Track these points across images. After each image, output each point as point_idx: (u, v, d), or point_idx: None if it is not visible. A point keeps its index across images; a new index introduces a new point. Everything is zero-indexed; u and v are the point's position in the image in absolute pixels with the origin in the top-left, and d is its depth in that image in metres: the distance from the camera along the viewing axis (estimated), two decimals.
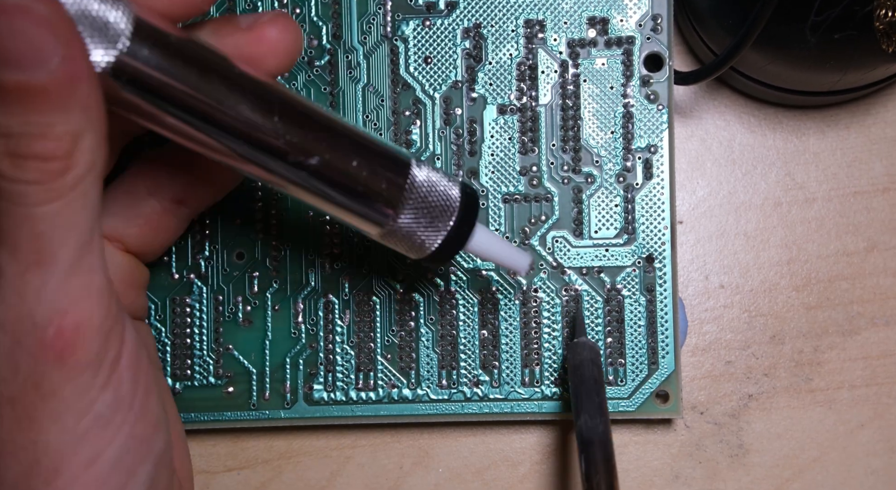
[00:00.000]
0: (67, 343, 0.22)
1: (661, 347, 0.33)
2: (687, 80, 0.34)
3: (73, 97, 0.20)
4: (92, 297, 0.22)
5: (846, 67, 0.33)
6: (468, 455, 0.36)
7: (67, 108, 0.20)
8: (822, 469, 0.36)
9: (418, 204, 0.27)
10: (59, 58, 0.20)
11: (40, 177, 0.21)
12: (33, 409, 0.22)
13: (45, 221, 0.21)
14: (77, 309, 0.22)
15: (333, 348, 0.34)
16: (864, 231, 0.36)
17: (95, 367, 0.23)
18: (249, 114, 0.25)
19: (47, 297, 0.22)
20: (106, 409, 0.23)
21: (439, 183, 0.28)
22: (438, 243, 0.28)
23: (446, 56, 0.34)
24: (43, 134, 0.20)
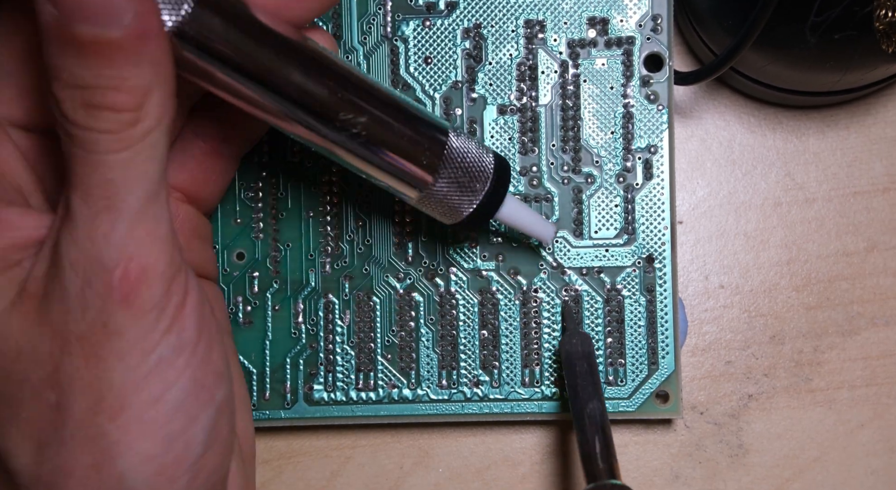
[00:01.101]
0: (133, 285, 0.23)
1: (661, 347, 0.33)
2: (687, 80, 0.34)
3: (144, 53, 0.21)
4: (157, 244, 0.23)
5: (846, 68, 0.33)
6: (468, 455, 0.36)
7: (139, 63, 0.21)
8: (822, 469, 0.36)
9: (455, 169, 0.29)
10: (133, 14, 0.21)
11: (112, 126, 0.22)
12: (100, 347, 0.23)
13: (115, 169, 0.22)
14: (142, 254, 0.23)
15: (333, 348, 0.34)
16: (864, 231, 0.36)
17: (159, 311, 0.23)
18: (304, 75, 0.26)
19: (115, 241, 0.23)
20: (169, 352, 0.24)
21: (475, 150, 0.29)
22: (473, 208, 0.29)
23: (446, 56, 0.34)
24: (116, 86, 0.21)
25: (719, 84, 0.37)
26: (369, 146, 0.27)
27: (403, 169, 0.28)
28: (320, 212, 0.34)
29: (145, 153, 0.22)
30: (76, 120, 0.22)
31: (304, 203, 0.34)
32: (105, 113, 0.22)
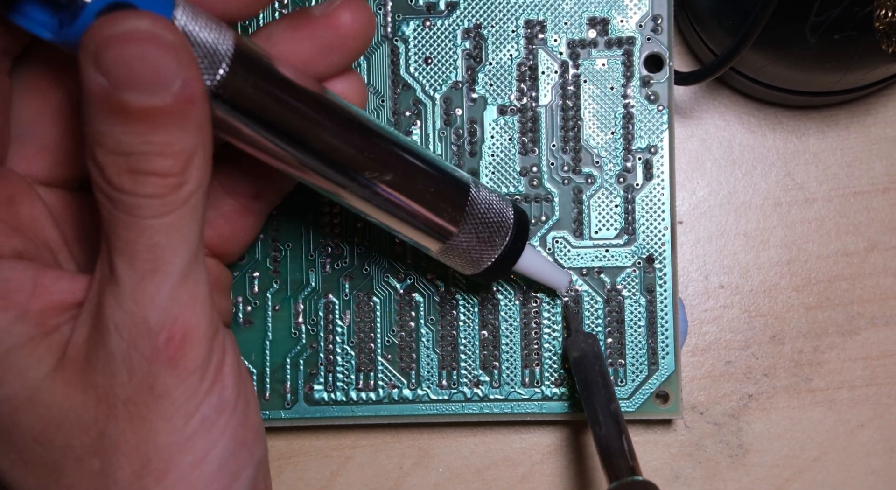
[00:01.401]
0: (178, 347, 0.23)
1: (661, 348, 0.33)
2: (687, 80, 0.34)
3: (190, 118, 0.22)
4: (198, 305, 0.24)
5: (846, 68, 0.33)
6: (468, 455, 0.36)
7: (185, 128, 0.22)
8: (822, 469, 0.36)
9: (477, 223, 0.29)
10: (181, 82, 0.21)
11: (158, 191, 0.22)
12: (147, 409, 0.23)
13: (160, 232, 0.22)
14: (186, 316, 0.23)
15: (334, 348, 0.34)
16: (864, 231, 0.36)
17: (202, 371, 0.24)
18: (331, 134, 0.26)
19: (161, 304, 0.23)
20: (212, 412, 0.24)
21: (496, 203, 0.30)
22: (493, 260, 0.30)
23: (446, 56, 0.34)
24: (162, 153, 0.22)
25: (719, 84, 0.37)
26: (394, 202, 0.28)
27: (427, 224, 0.29)
28: (320, 212, 0.34)
29: (188, 216, 0.23)
30: (121, 186, 0.22)
31: (304, 203, 0.34)
32: (151, 178, 0.22)
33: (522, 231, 0.30)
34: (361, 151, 0.27)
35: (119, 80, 0.21)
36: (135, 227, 0.22)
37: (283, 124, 0.25)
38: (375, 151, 0.27)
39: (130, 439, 0.23)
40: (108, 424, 0.23)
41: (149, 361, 0.23)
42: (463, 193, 0.29)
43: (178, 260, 0.23)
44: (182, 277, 0.23)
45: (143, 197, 0.22)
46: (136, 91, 0.21)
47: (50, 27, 0.22)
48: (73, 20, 0.22)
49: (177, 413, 0.24)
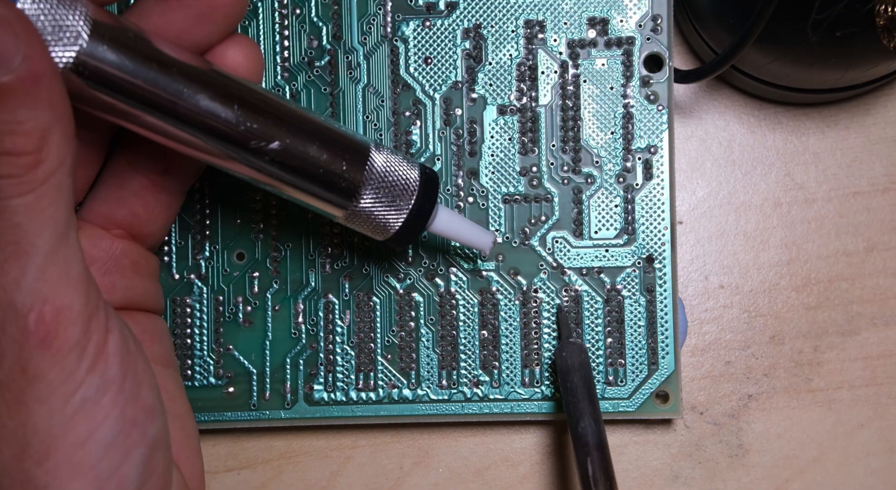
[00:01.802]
0: (49, 328, 0.23)
1: (661, 348, 0.33)
2: (687, 78, 0.34)
3: (38, 94, 0.21)
4: (70, 284, 0.23)
5: (848, 65, 0.33)
6: (468, 455, 0.36)
7: (34, 105, 0.21)
8: (822, 469, 0.36)
9: (378, 186, 0.28)
10: (21, 57, 0.21)
11: (13, 171, 0.22)
12: (21, 392, 0.23)
13: (20, 213, 0.22)
14: (56, 296, 0.23)
15: (333, 348, 0.34)
16: (864, 231, 0.36)
17: (80, 351, 0.23)
18: (209, 103, 0.26)
19: (27, 286, 0.22)
20: (93, 392, 0.24)
21: (399, 165, 0.29)
22: (400, 223, 0.29)
23: (446, 56, 0.34)
24: (12, 131, 0.21)
25: (720, 84, 0.37)
26: (286, 170, 0.27)
27: (324, 190, 0.28)
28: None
29: (50, 195, 0.22)
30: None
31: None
32: (4, 158, 0.21)
33: (431, 192, 0.29)
34: (242, 119, 0.26)
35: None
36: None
37: (154, 97, 0.25)
38: (258, 120, 0.26)
39: (7, 424, 0.23)
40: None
41: (19, 344, 0.23)
42: (361, 157, 0.28)
43: (41, 241, 0.23)
44: (49, 257, 0.23)
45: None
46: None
47: None
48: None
49: (53, 394, 0.23)
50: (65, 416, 0.23)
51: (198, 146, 0.26)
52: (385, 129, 0.34)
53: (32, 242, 0.22)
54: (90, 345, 0.24)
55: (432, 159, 0.33)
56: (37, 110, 0.22)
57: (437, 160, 0.33)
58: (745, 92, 0.37)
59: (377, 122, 0.34)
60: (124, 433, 0.24)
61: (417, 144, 0.33)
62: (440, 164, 0.33)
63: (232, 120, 0.26)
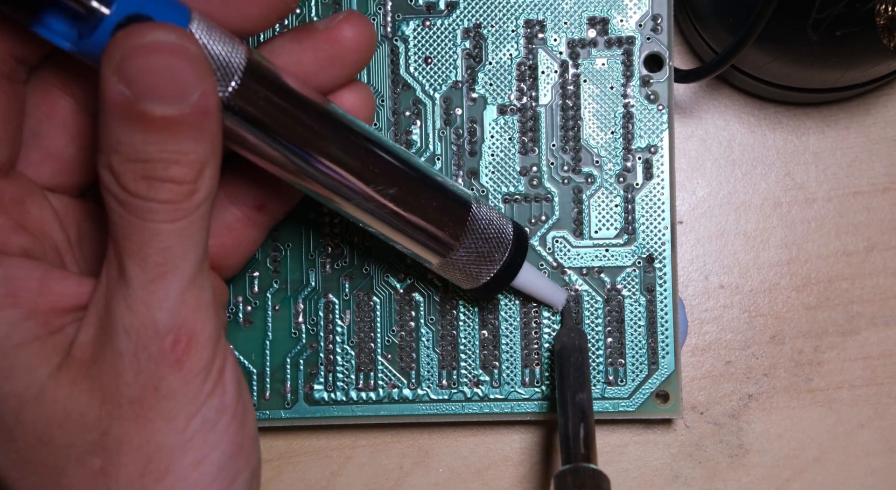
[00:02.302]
0: (185, 350, 0.24)
1: (661, 347, 0.33)
2: (688, 78, 0.34)
3: (205, 128, 0.22)
4: (204, 310, 0.24)
5: (848, 64, 0.33)
6: (468, 455, 0.36)
7: (200, 138, 0.22)
8: (822, 469, 0.36)
9: (476, 239, 0.30)
10: (199, 93, 0.22)
11: (172, 197, 0.23)
12: (151, 410, 0.24)
13: (172, 237, 0.23)
14: (193, 319, 0.24)
15: (334, 348, 0.34)
16: (864, 231, 0.36)
17: (206, 374, 0.24)
18: (340, 146, 0.27)
19: (170, 307, 0.23)
20: (213, 414, 0.25)
21: (496, 220, 0.30)
22: (491, 276, 0.30)
23: (446, 56, 0.34)
24: (177, 160, 0.22)
25: (720, 83, 0.37)
26: (398, 216, 0.28)
27: (428, 238, 0.29)
28: (320, 212, 0.34)
29: (198, 223, 0.23)
30: (137, 191, 0.22)
31: (304, 203, 0.34)
32: (167, 185, 0.22)
33: (521, 248, 0.31)
34: (367, 165, 0.27)
35: (141, 90, 0.21)
36: (147, 231, 0.23)
37: (291, 136, 0.26)
38: (381, 165, 0.27)
39: (134, 439, 0.24)
40: (112, 424, 0.24)
41: (155, 363, 0.23)
42: (464, 209, 0.29)
43: (187, 265, 0.23)
44: (190, 282, 0.24)
45: (157, 202, 0.22)
46: (157, 101, 0.22)
47: (69, 38, 0.23)
48: (91, 31, 0.22)
49: (179, 414, 0.24)
50: (186, 437, 0.24)
51: (320, 185, 0.27)
52: (385, 129, 0.34)
53: (179, 266, 0.23)
54: (213, 369, 0.25)
55: (432, 159, 0.33)
56: (201, 143, 0.23)
57: (437, 160, 0.33)
58: (745, 91, 0.37)
59: (377, 122, 0.34)
60: (234, 457, 0.25)
61: (417, 144, 0.33)
62: (440, 164, 0.33)
63: (358, 165, 0.27)
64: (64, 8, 0.22)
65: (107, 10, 0.22)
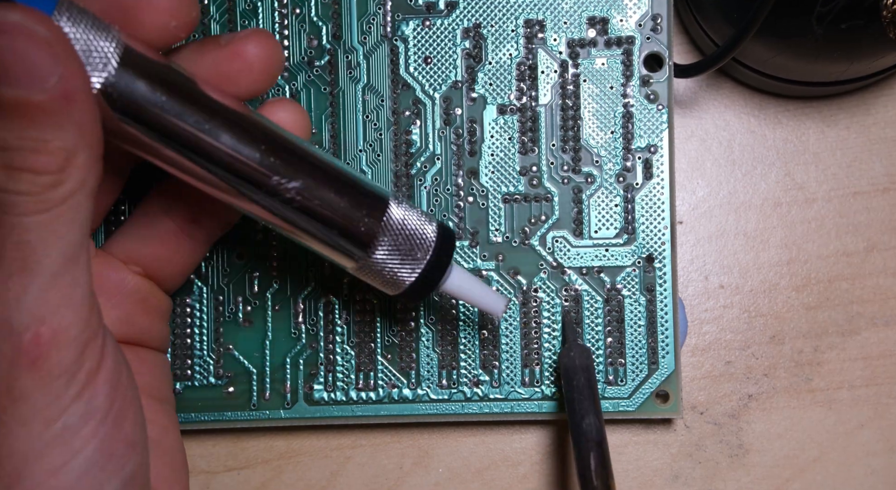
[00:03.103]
0: (42, 350, 0.22)
1: (661, 347, 0.33)
2: (688, 72, 0.34)
3: (68, 115, 0.21)
4: (71, 307, 0.23)
5: (853, 57, 0.33)
6: (468, 455, 0.36)
7: (62, 126, 0.21)
8: (822, 469, 0.36)
9: (393, 240, 0.28)
10: (57, 77, 0.21)
11: (32, 188, 0.21)
12: (3, 412, 0.23)
13: (31, 231, 0.22)
14: (55, 318, 0.22)
15: (333, 348, 0.34)
16: (864, 231, 0.36)
17: (69, 376, 0.23)
18: (233, 141, 0.25)
19: (27, 304, 0.22)
20: (76, 419, 0.23)
21: (415, 220, 0.28)
22: (413, 279, 0.29)
23: (446, 56, 0.34)
24: (37, 149, 0.21)
25: (720, 83, 0.37)
26: (303, 213, 0.27)
27: (337, 239, 0.28)
28: None
29: (65, 216, 0.22)
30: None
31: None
32: (25, 175, 0.21)
33: (445, 252, 0.29)
34: (265, 157, 0.26)
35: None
36: (5, 225, 0.22)
37: (177, 132, 0.25)
38: (281, 158, 0.26)
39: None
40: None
41: (9, 363, 0.22)
42: (379, 208, 0.28)
43: (49, 260, 0.22)
44: (53, 278, 0.22)
45: (14, 193, 0.21)
46: (8, 85, 0.21)
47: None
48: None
49: (36, 418, 0.23)
50: (43, 442, 0.23)
51: (218, 181, 0.26)
52: (385, 129, 0.34)
53: (39, 261, 0.22)
54: (81, 371, 0.23)
55: (432, 159, 0.33)
56: (64, 131, 0.22)
57: (436, 160, 0.33)
58: (748, 86, 0.37)
59: (377, 122, 0.34)
60: (100, 465, 0.24)
61: (417, 144, 0.33)
62: (440, 164, 0.33)
63: (255, 156, 0.26)
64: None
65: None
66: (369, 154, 0.34)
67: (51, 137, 0.21)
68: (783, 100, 0.37)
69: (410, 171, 0.33)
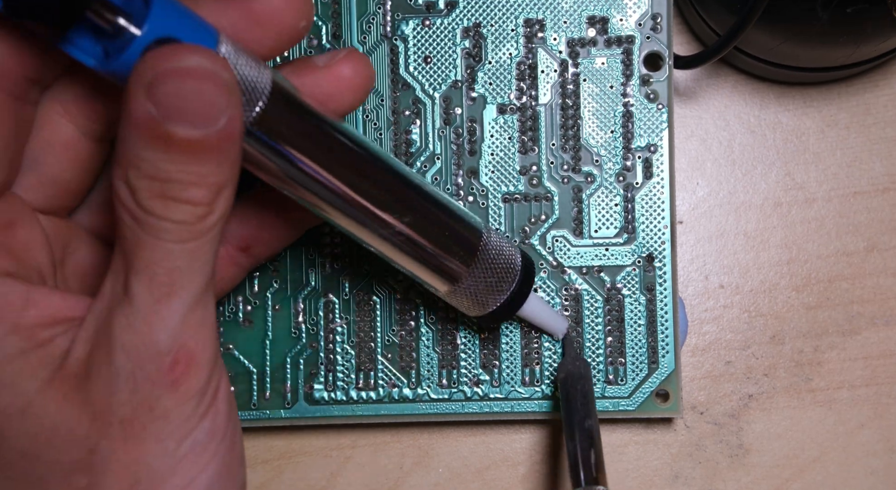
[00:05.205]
0: (183, 371, 0.24)
1: (661, 347, 0.33)
2: (689, 64, 0.34)
3: (228, 153, 0.22)
4: (206, 331, 0.24)
5: (859, 40, 0.33)
6: (468, 455, 0.36)
7: (222, 162, 0.22)
8: (822, 469, 0.36)
9: (486, 267, 0.29)
10: (227, 119, 0.22)
11: (187, 218, 0.22)
12: (143, 429, 0.24)
13: (182, 257, 0.23)
14: (194, 341, 0.24)
15: (334, 348, 0.34)
16: (864, 231, 0.36)
17: (201, 397, 0.24)
18: (360, 173, 0.27)
19: (172, 327, 0.23)
20: (204, 436, 0.24)
21: (506, 249, 0.30)
22: (499, 304, 0.30)
23: (446, 56, 0.34)
24: (197, 183, 0.22)
25: (723, 78, 0.37)
26: (411, 243, 0.28)
27: (439, 266, 0.29)
28: None
29: (209, 245, 0.23)
30: (152, 209, 0.22)
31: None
32: (183, 206, 0.22)
33: (529, 278, 0.31)
34: (384, 191, 0.27)
35: (169, 111, 0.21)
36: (158, 250, 0.23)
37: (311, 160, 0.26)
38: (397, 192, 0.27)
39: (122, 458, 0.24)
40: (101, 442, 0.23)
41: (152, 383, 0.23)
42: (475, 237, 0.29)
43: (193, 286, 0.23)
44: (195, 303, 0.23)
45: (171, 222, 0.22)
46: (184, 123, 0.21)
47: (95, 56, 0.22)
48: (120, 51, 0.22)
49: (171, 435, 0.24)
50: (176, 458, 0.24)
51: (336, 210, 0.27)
52: (385, 129, 0.34)
53: (186, 287, 0.23)
54: (209, 391, 0.24)
55: (432, 158, 0.33)
56: (222, 166, 0.22)
57: (436, 159, 0.33)
58: (753, 75, 0.37)
59: (377, 122, 0.34)
60: (222, 479, 0.25)
61: (417, 144, 0.34)
62: (440, 164, 0.33)
63: (376, 191, 0.27)
64: (94, 26, 0.22)
65: (138, 31, 0.22)
66: None
67: (210, 172, 0.22)
68: (784, 99, 0.37)
69: None
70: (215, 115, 0.22)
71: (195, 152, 0.22)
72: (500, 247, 0.30)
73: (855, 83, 0.37)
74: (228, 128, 0.22)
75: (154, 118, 0.21)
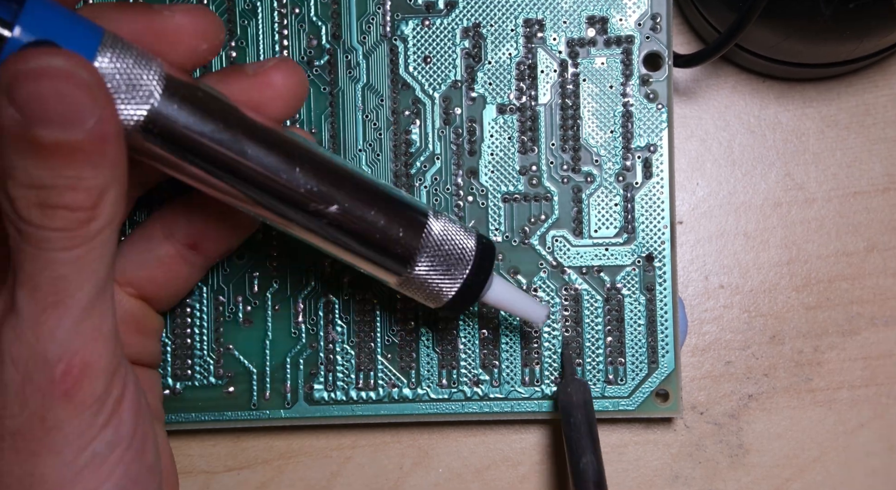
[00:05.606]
0: (75, 381, 0.23)
1: (660, 346, 0.33)
2: (690, 62, 0.34)
3: (104, 154, 0.22)
4: (100, 339, 0.24)
5: (862, 35, 0.33)
6: (468, 455, 0.36)
7: (97, 164, 0.22)
8: (822, 469, 0.36)
9: (434, 253, 0.28)
10: (95, 119, 0.21)
11: (67, 225, 0.22)
12: (36, 442, 0.23)
13: (66, 265, 0.22)
14: (86, 349, 0.23)
15: (334, 348, 0.34)
16: (864, 231, 0.36)
17: (98, 406, 0.24)
18: (272, 165, 0.26)
19: (61, 337, 0.23)
20: (105, 447, 0.24)
21: (455, 233, 0.29)
22: (454, 292, 0.29)
23: (446, 56, 0.34)
24: (73, 187, 0.22)
25: (723, 77, 0.37)
26: (343, 234, 0.27)
27: (379, 256, 0.28)
28: None
29: (96, 251, 0.23)
30: (30, 218, 0.22)
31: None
32: (60, 212, 0.22)
33: (486, 263, 0.29)
34: (303, 183, 0.26)
35: (32, 115, 0.21)
36: (40, 260, 0.22)
37: (217, 157, 0.25)
38: (319, 182, 0.27)
39: (15, 472, 0.23)
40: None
41: (43, 394, 0.23)
42: (418, 224, 0.28)
43: (81, 294, 0.23)
44: (85, 311, 0.23)
45: (50, 230, 0.22)
46: (48, 126, 0.21)
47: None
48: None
49: (68, 447, 0.23)
50: (74, 470, 0.24)
51: (255, 205, 0.27)
52: (384, 129, 0.34)
53: (73, 295, 0.23)
54: (109, 400, 0.24)
55: (432, 158, 0.33)
56: (99, 169, 0.22)
57: (436, 159, 0.33)
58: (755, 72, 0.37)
59: (377, 122, 0.34)
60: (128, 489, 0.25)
61: (417, 144, 0.34)
62: (440, 164, 0.33)
63: (293, 182, 0.26)
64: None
65: (9, 33, 0.21)
66: (369, 154, 0.34)
67: (86, 176, 0.22)
68: (784, 99, 0.37)
69: (410, 171, 0.34)
70: (82, 115, 0.21)
71: (66, 156, 0.21)
72: (446, 233, 0.29)
73: (855, 83, 0.37)
74: (100, 128, 0.22)
75: (20, 123, 0.21)
